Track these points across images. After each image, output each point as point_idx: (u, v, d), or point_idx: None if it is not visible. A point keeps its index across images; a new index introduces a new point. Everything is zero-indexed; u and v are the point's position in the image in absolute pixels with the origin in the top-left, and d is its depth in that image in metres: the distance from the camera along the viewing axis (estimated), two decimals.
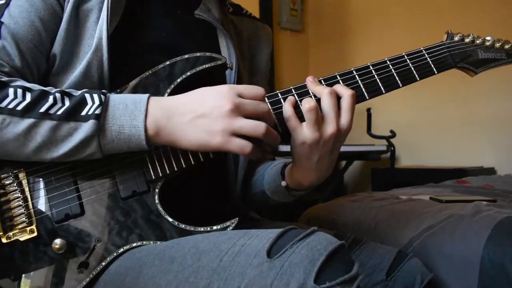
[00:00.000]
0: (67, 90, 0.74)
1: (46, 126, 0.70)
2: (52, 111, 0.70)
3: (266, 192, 0.95)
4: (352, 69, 0.83)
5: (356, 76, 0.83)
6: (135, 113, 0.71)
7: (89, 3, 0.82)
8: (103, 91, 0.74)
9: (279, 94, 0.80)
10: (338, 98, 0.78)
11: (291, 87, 0.81)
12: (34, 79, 0.79)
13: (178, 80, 0.81)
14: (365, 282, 0.84)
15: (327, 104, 0.77)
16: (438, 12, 3.10)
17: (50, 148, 0.71)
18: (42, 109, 0.70)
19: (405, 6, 3.29)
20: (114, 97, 0.73)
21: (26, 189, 0.76)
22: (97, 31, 0.80)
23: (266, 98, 0.79)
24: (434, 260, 1.08)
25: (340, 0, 3.69)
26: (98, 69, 0.79)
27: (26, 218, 0.75)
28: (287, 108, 0.78)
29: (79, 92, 0.73)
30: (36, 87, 0.73)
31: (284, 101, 0.79)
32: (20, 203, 0.75)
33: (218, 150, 0.73)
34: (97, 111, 0.70)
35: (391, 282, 0.85)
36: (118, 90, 0.81)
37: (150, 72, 0.82)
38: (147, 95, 0.74)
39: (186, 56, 0.82)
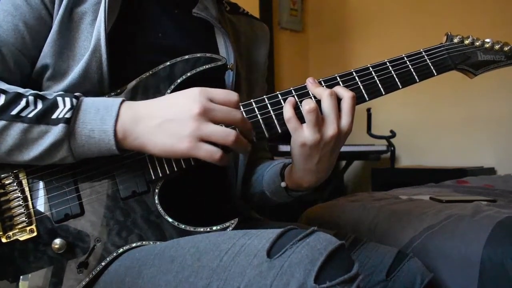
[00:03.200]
0: (41, 93, 0.73)
1: (17, 128, 0.70)
2: (23, 113, 0.70)
3: (265, 192, 0.95)
4: (352, 70, 0.83)
5: (356, 77, 0.83)
6: (105, 117, 0.71)
7: (83, 5, 0.82)
8: (76, 94, 0.74)
9: (279, 95, 0.80)
10: (338, 100, 0.78)
11: (291, 88, 0.81)
12: (16, 82, 0.79)
13: (179, 80, 0.81)
14: (365, 282, 0.84)
15: (327, 106, 0.77)
16: (438, 13, 3.10)
17: (22, 150, 0.71)
18: (14, 112, 0.70)
19: (405, 7, 3.29)
20: (87, 101, 0.73)
21: (26, 188, 0.76)
22: (95, 32, 0.80)
23: (241, 106, 0.77)
24: (434, 260, 1.08)
25: (340, 0, 3.69)
26: (97, 70, 0.79)
27: (26, 218, 0.75)
28: (287, 109, 0.78)
29: (53, 94, 0.73)
30: (12, 89, 0.73)
31: (284, 102, 0.79)
32: (20, 202, 0.75)
33: (186, 156, 0.72)
34: (67, 115, 0.70)
35: (391, 282, 0.85)
36: (118, 91, 0.81)
37: (150, 72, 0.82)
38: (120, 99, 0.73)
39: (187, 56, 0.82)
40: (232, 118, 0.72)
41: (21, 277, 0.73)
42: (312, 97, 0.80)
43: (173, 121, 0.70)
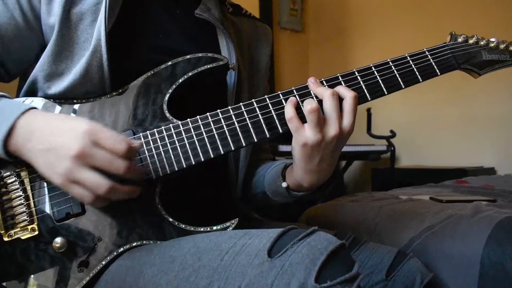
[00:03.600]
0: None
1: None
2: None
3: (266, 192, 0.95)
4: (354, 70, 0.83)
5: (358, 77, 0.82)
6: (2, 124, 0.71)
7: (81, 6, 0.82)
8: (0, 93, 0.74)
9: (280, 95, 0.80)
10: (340, 99, 0.78)
11: (293, 88, 0.81)
12: None
13: (180, 80, 0.81)
14: (365, 282, 0.85)
15: (329, 106, 0.77)
16: (438, 13, 3.10)
17: None
18: None
19: (406, 6, 3.29)
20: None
21: (28, 188, 0.76)
22: (95, 32, 0.80)
23: (129, 155, 0.71)
24: (434, 260, 1.08)
25: (340, 0, 3.69)
26: (98, 71, 0.79)
27: (27, 217, 0.75)
28: (288, 109, 0.77)
29: None
30: None
31: (286, 102, 0.79)
32: (22, 201, 0.76)
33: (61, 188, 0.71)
34: None
35: (391, 282, 0.85)
36: (120, 91, 0.81)
37: (152, 72, 0.82)
38: (26, 107, 0.73)
39: (188, 56, 0.82)
40: (114, 167, 0.69)
41: (26, 276, 0.74)
42: (314, 97, 0.80)
43: (52, 152, 0.69)
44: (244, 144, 0.79)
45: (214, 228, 0.76)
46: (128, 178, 0.71)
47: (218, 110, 0.79)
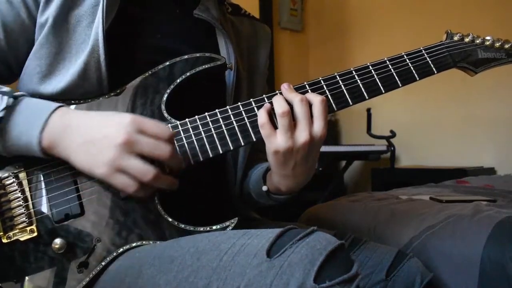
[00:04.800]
0: None
1: None
2: None
3: (251, 194, 0.95)
4: (352, 69, 0.83)
5: (356, 76, 0.83)
6: (35, 122, 0.72)
7: (81, 8, 0.82)
8: (17, 93, 0.74)
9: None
10: (310, 105, 0.78)
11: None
12: None
13: (178, 80, 0.81)
14: (365, 282, 0.84)
15: (299, 112, 0.76)
16: (438, 12, 3.10)
17: None
18: None
19: (405, 6, 3.29)
20: (24, 102, 0.74)
21: (27, 189, 0.76)
22: (93, 32, 0.80)
23: (175, 140, 0.76)
24: (434, 260, 1.08)
25: (340, 0, 3.69)
26: (96, 71, 0.79)
27: (26, 218, 0.75)
28: (262, 115, 0.77)
29: None
30: None
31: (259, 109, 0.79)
32: (21, 203, 0.75)
33: (103, 180, 0.73)
34: (1, 114, 0.71)
35: (390, 282, 0.85)
36: (118, 91, 0.81)
37: (149, 72, 0.82)
38: (56, 105, 0.74)
39: (186, 56, 0.82)
40: (159, 152, 0.71)
41: (25, 277, 0.74)
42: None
43: (95, 145, 0.70)
44: (242, 144, 0.79)
45: (214, 227, 0.76)
46: (171, 164, 0.74)
47: (217, 110, 0.79)
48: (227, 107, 0.80)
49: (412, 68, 0.85)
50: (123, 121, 0.71)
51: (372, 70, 0.83)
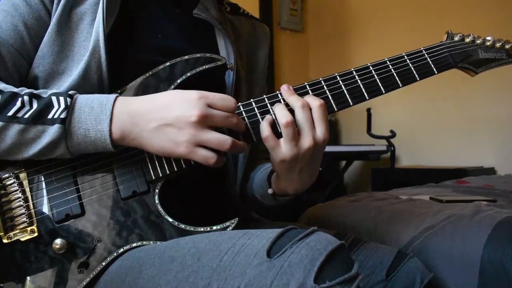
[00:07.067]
0: (36, 92, 0.74)
1: (14, 129, 0.71)
2: (20, 114, 0.71)
3: (255, 196, 0.95)
4: (352, 69, 0.83)
5: (356, 76, 0.83)
6: (100, 116, 0.72)
7: (83, 6, 0.82)
8: (71, 92, 0.74)
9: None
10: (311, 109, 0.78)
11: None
12: (14, 82, 0.79)
13: (178, 81, 0.81)
14: (365, 282, 0.85)
15: (301, 118, 0.77)
16: (439, 12, 3.10)
17: (21, 149, 0.73)
18: (10, 113, 0.71)
19: (405, 6, 3.29)
20: (81, 99, 0.73)
21: (27, 189, 0.76)
22: (93, 32, 0.80)
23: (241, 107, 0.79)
24: (434, 260, 1.08)
25: (340, 0, 3.69)
26: (97, 71, 0.79)
27: (27, 218, 0.75)
28: (264, 128, 0.78)
29: (48, 93, 0.74)
30: (7, 88, 0.73)
31: (258, 109, 0.79)
32: (21, 203, 0.76)
33: (183, 158, 0.74)
34: (62, 115, 0.71)
35: (390, 282, 0.85)
36: (119, 91, 0.81)
37: (150, 73, 0.82)
38: (114, 96, 0.74)
39: (186, 57, 0.82)
40: (229, 123, 0.74)
41: (27, 278, 0.74)
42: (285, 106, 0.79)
43: (171, 126, 0.71)
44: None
45: (214, 228, 0.76)
46: (240, 131, 0.77)
47: None
48: None
49: (412, 68, 0.84)
50: (191, 98, 0.72)
51: (373, 71, 0.83)
